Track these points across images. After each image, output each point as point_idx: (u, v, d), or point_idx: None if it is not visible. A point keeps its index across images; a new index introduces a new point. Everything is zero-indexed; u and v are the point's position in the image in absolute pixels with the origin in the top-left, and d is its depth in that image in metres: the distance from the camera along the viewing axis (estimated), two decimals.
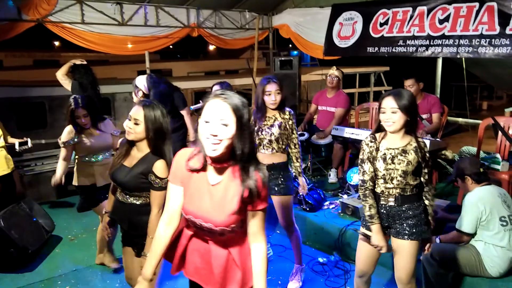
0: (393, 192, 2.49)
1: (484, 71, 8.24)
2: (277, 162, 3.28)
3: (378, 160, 2.50)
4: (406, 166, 2.43)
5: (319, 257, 3.90)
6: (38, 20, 5.18)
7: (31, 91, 6.22)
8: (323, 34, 6.45)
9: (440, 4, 5.09)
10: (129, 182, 2.41)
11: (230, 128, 1.60)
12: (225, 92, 1.65)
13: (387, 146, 2.49)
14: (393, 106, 2.42)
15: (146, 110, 2.36)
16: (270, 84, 3.21)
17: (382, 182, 2.50)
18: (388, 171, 2.46)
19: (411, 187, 2.47)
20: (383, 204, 2.54)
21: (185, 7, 6.47)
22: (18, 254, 3.83)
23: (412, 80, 4.73)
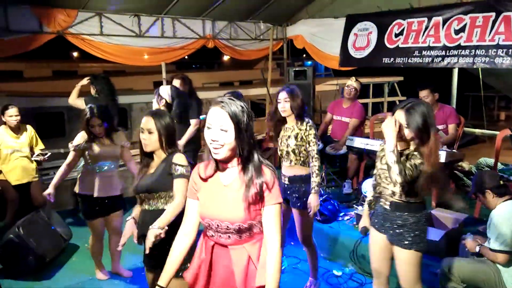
0: (386, 193, 2.64)
1: (500, 81, 8.12)
2: (298, 174, 3.26)
3: (378, 159, 2.75)
4: None
5: (334, 269, 3.88)
6: (59, 32, 5.30)
7: (50, 101, 6.36)
8: (338, 44, 6.47)
9: (455, 14, 5.06)
10: (154, 182, 2.50)
11: (229, 133, 1.73)
12: (224, 100, 1.76)
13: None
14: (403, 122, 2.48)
15: (156, 118, 2.48)
16: (280, 93, 3.25)
17: (380, 181, 2.71)
18: (383, 170, 2.64)
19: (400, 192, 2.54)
20: (382, 206, 2.70)
21: (201, 18, 6.56)
22: (36, 262, 3.90)
23: (427, 91, 4.69)
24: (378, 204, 2.74)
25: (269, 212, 1.81)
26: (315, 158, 3.22)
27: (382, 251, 2.75)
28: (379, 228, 2.72)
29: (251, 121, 1.78)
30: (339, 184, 5.50)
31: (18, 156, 4.54)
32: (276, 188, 1.82)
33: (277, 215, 1.82)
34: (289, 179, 3.28)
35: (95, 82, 4.83)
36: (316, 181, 3.22)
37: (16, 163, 4.53)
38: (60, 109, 6.19)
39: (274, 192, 1.81)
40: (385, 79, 11.06)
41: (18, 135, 4.54)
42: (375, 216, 2.78)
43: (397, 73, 10.93)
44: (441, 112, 4.79)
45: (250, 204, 1.78)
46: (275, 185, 1.81)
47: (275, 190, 1.82)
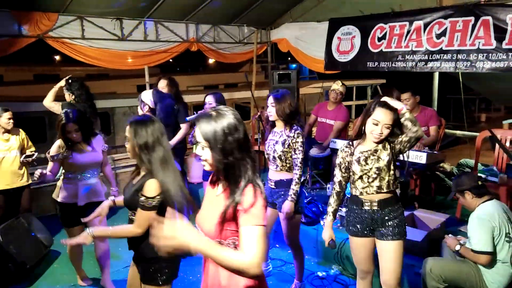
0: (370, 191, 2.65)
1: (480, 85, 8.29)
2: (284, 178, 3.26)
3: (352, 163, 2.70)
4: (377, 163, 2.62)
5: (318, 271, 3.89)
6: (39, 35, 5.23)
7: (31, 106, 6.26)
8: (321, 48, 6.52)
9: (436, 18, 5.15)
10: (128, 199, 2.41)
11: (206, 151, 1.69)
12: (200, 116, 1.70)
13: (360, 150, 2.69)
14: (387, 123, 2.53)
15: (133, 126, 2.33)
16: (269, 97, 3.28)
17: (360, 183, 2.68)
18: (364, 171, 2.65)
19: (387, 183, 2.63)
20: (367, 209, 2.69)
21: (184, 22, 6.54)
22: (17, 269, 3.82)
23: (408, 93, 4.77)
24: (357, 209, 2.72)
25: (242, 233, 1.61)
26: (298, 166, 3.18)
27: (369, 251, 2.79)
28: (364, 232, 2.73)
29: (233, 137, 1.65)
30: (323, 186, 5.53)
31: (8, 160, 4.40)
32: (256, 210, 1.63)
33: (254, 236, 1.59)
34: (275, 183, 3.28)
35: (71, 87, 4.63)
36: (295, 189, 3.18)
37: (5, 167, 4.40)
38: (41, 113, 6.09)
39: (251, 214, 1.62)
40: (368, 82, 11.19)
41: (7, 138, 4.42)
42: (355, 223, 2.75)
43: (379, 76, 11.07)
44: (422, 114, 4.87)
45: (221, 221, 1.67)
46: (254, 206, 1.62)
47: (255, 212, 1.62)
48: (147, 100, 3.98)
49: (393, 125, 2.55)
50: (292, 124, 3.24)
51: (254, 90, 7.40)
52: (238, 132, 1.67)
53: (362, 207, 2.70)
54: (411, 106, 4.85)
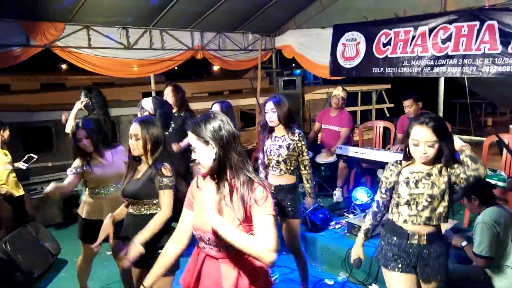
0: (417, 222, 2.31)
1: (486, 89, 8.26)
2: (284, 183, 3.27)
3: (400, 184, 2.36)
4: (431, 189, 2.27)
5: (326, 279, 3.86)
6: (46, 45, 5.28)
7: (37, 115, 6.29)
8: (326, 54, 6.53)
9: (440, 23, 5.14)
10: (138, 190, 2.57)
11: (199, 150, 1.81)
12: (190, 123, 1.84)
13: (411, 170, 2.35)
14: (429, 140, 2.22)
15: (142, 125, 2.58)
16: (267, 103, 3.28)
17: (406, 209, 2.33)
18: (412, 196, 2.31)
19: (439, 214, 2.30)
20: (414, 244, 2.34)
21: (189, 30, 6.58)
22: (24, 278, 3.83)
23: (410, 100, 4.78)
24: (400, 241, 2.37)
25: (260, 224, 1.73)
26: (308, 166, 3.31)
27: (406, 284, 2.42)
28: (407, 269, 2.38)
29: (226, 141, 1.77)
30: (329, 192, 5.51)
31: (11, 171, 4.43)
32: (268, 202, 1.75)
33: (268, 224, 1.72)
34: (276, 189, 3.28)
35: (90, 93, 4.61)
36: (310, 185, 3.35)
37: (11, 178, 4.42)
38: (47, 123, 6.12)
39: (264, 205, 1.74)
40: (373, 87, 11.14)
41: (6, 150, 4.45)
42: (396, 257, 2.39)
43: (384, 81, 11.03)
44: None
45: (235, 223, 1.76)
46: (266, 200, 1.75)
47: (267, 204, 1.75)
48: (147, 107, 4.05)
49: (439, 142, 2.22)
50: (292, 127, 3.25)
51: (259, 97, 7.41)
52: (222, 131, 1.77)
53: (408, 240, 2.34)
54: (414, 112, 4.85)
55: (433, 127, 2.20)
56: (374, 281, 3.71)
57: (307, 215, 4.36)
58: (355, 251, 2.61)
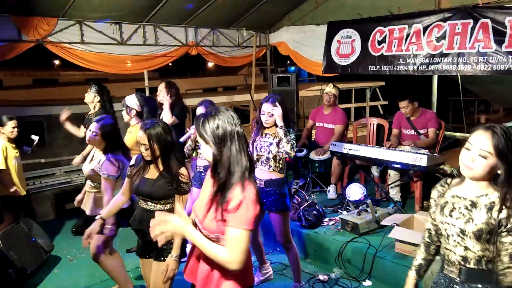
0: (453, 259, 1.87)
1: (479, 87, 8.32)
2: (274, 178, 3.30)
3: (438, 208, 1.94)
4: (465, 224, 1.81)
5: (319, 275, 3.87)
6: (38, 40, 5.23)
7: (29, 110, 6.25)
8: (321, 51, 6.52)
9: (435, 21, 5.15)
10: (157, 191, 2.63)
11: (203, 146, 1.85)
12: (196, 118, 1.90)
13: (454, 194, 1.90)
14: (484, 148, 1.74)
15: (149, 133, 2.57)
16: (265, 104, 3.28)
17: (443, 240, 1.93)
18: (443, 225, 1.90)
19: (479, 257, 1.80)
20: (446, 274, 1.94)
21: (183, 26, 6.55)
22: (17, 274, 3.80)
23: (406, 101, 4.83)
24: (440, 272, 1.98)
25: (226, 233, 1.74)
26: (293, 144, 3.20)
27: None
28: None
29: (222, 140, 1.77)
30: (323, 189, 5.53)
31: (20, 166, 4.39)
32: (240, 212, 1.71)
33: (234, 238, 1.71)
34: (265, 183, 3.30)
35: (102, 90, 4.63)
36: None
37: (20, 172, 4.40)
38: (39, 118, 6.08)
39: (235, 216, 1.71)
40: (367, 84, 11.20)
41: (14, 146, 4.40)
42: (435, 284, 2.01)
43: (378, 78, 11.08)
44: (422, 117, 4.91)
45: (218, 218, 1.77)
46: (239, 209, 1.71)
47: (239, 215, 1.71)
48: (133, 105, 3.96)
49: (497, 160, 1.72)
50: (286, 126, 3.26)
51: (253, 93, 7.41)
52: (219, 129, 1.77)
53: (443, 268, 1.96)
54: (410, 112, 4.89)
55: (497, 138, 1.73)
56: (367, 277, 3.73)
57: (300, 212, 4.37)
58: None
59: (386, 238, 3.78)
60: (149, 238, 2.54)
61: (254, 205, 1.74)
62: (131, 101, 3.98)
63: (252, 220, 1.74)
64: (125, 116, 4.02)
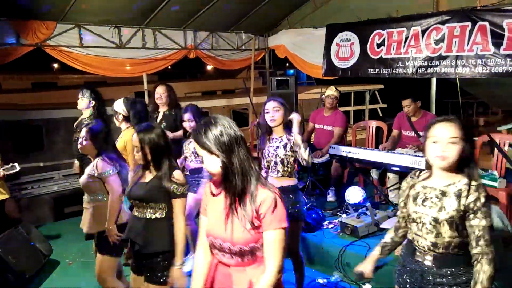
0: (423, 244, 1.99)
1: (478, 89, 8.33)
2: (286, 185, 3.17)
3: (409, 198, 2.06)
4: (438, 213, 1.92)
5: (319, 278, 3.87)
6: (37, 44, 5.22)
7: (28, 114, 6.24)
8: (319, 54, 6.53)
9: (433, 24, 5.16)
10: (146, 193, 2.56)
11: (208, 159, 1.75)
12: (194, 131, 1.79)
13: (425, 185, 2.03)
14: (453, 135, 1.88)
15: (141, 135, 2.54)
16: (268, 102, 3.21)
17: (414, 227, 2.04)
18: (417, 214, 2.00)
19: (447, 243, 1.92)
20: (419, 260, 2.03)
21: (182, 29, 6.55)
22: (15, 279, 3.79)
23: (409, 100, 4.84)
24: (409, 257, 2.09)
25: (266, 238, 1.74)
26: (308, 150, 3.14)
27: None
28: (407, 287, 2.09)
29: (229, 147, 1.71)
30: (323, 192, 5.52)
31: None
32: (277, 212, 1.72)
33: (276, 241, 1.72)
34: None
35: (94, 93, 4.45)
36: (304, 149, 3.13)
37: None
38: (38, 122, 6.07)
39: (273, 217, 1.71)
40: (366, 87, 11.21)
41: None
42: (403, 274, 2.11)
43: (377, 81, 11.09)
44: (423, 119, 4.93)
45: (248, 228, 1.74)
46: (275, 209, 1.72)
47: (276, 214, 1.72)
48: (120, 110, 4.00)
49: (464, 142, 1.88)
50: (290, 129, 3.22)
51: (252, 96, 7.41)
52: (224, 136, 1.71)
53: (414, 256, 2.06)
54: (412, 112, 4.90)
55: (459, 123, 1.91)
56: (367, 280, 3.72)
57: None
58: (364, 265, 2.25)
59: None
60: (136, 247, 2.54)
61: (281, 200, 1.75)
62: (118, 106, 3.99)
63: (285, 215, 1.74)
64: (115, 121, 4.05)
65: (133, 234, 2.59)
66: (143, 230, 2.56)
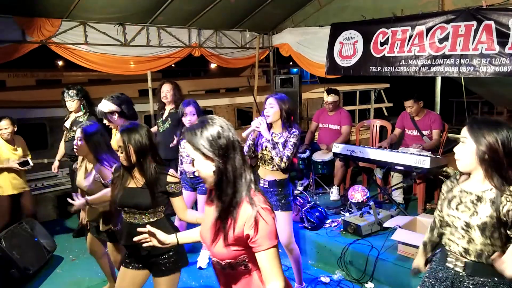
0: (455, 249, 1.94)
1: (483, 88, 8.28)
2: (278, 178, 3.28)
3: (445, 201, 2.02)
4: (470, 217, 1.86)
5: (321, 276, 3.86)
6: (42, 41, 5.25)
7: (32, 112, 6.26)
8: (323, 52, 6.52)
9: (438, 23, 5.14)
10: (145, 200, 2.45)
11: (198, 162, 1.63)
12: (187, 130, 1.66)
13: (462, 188, 1.96)
14: (462, 135, 1.89)
15: (124, 135, 2.42)
16: (267, 99, 3.27)
17: (448, 231, 1.99)
18: (450, 217, 1.96)
19: (480, 251, 1.86)
20: (450, 266, 1.98)
21: (187, 27, 6.56)
22: (20, 274, 3.81)
23: (411, 101, 4.85)
24: (440, 262, 2.05)
25: (259, 259, 1.60)
26: (285, 157, 3.14)
27: None
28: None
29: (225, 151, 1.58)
30: (326, 190, 5.52)
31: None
32: (262, 231, 1.56)
33: (270, 260, 1.60)
34: (269, 183, 3.28)
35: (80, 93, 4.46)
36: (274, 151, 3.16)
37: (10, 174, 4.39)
38: (41, 120, 6.09)
39: (259, 237, 1.57)
40: (372, 86, 11.15)
41: (15, 147, 4.42)
42: (431, 279, 2.07)
43: (383, 80, 11.03)
44: (427, 118, 4.93)
45: (227, 244, 1.62)
46: (258, 228, 1.56)
47: (261, 234, 1.56)
48: (111, 108, 3.74)
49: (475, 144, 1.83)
50: (290, 126, 3.24)
51: (256, 95, 7.40)
52: (221, 139, 1.60)
53: (445, 261, 2.01)
54: (415, 112, 4.90)
55: (470, 122, 1.87)
56: (370, 279, 3.72)
57: (303, 213, 4.37)
58: (417, 260, 2.26)
59: (389, 240, 3.77)
60: (144, 252, 2.42)
61: (269, 214, 1.59)
62: (105, 106, 3.75)
63: (275, 231, 1.59)
64: (110, 124, 3.83)
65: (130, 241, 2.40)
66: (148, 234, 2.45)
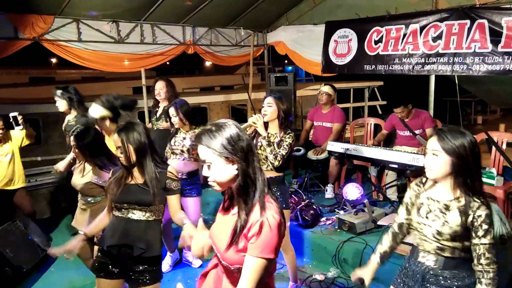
0: (429, 248, 2.00)
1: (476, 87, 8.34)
2: (273, 176, 3.26)
3: (414, 207, 2.07)
4: (441, 227, 1.93)
5: (316, 274, 3.87)
6: (35, 38, 5.20)
7: (25, 108, 6.22)
8: (318, 51, 6.53)
9: (432, 21, 5.16)
10: (147, 197, 2.42)
11: (213, 168, 1.54)
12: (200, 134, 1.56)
13: (429, 196, 2.03)
14: (434, 148, 1.93)
15: (122, 134, 2.39)
16: (266, 98, 3.28)
17: (418, 234, 2.06)
18: (420, 225, 2.02)
19: (454, 247, 1.94)
20: (420, 261, 2.05)
21: (181, 25, 6.53)
22: (13, 273, 3.79)
23: (400, 108, 4.89)
24: (411, 259, 2.12)
25: (245, 261, 1.52)
26: (279, 155, 3.14)
27: None
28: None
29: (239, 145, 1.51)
30: (321, 188, 5.53)
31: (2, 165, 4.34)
32: (261, 239, 1.49)
33: (253, 268, 1.50)
34: None
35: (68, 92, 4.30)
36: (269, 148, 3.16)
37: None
38: (35, 116, 6.06)
39: (256, 243, 1.49)
40: (366, 84, 11.20)
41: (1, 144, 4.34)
42: (402, 275, 2.16)
43: (377, 78, 11.08)
44: (417, 118, 4.95)
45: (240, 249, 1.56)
46: (260, 235, 1.49)
47: (260, 242, 1.49)
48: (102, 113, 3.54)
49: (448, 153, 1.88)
50: (286, 127, 3.25)
51: (251, 93, 7.40)
52: (242, 141, 1.54)
53: (417, 257, 2.07)
54: (405, 116, 4.92)
55: (439, 135, 1.92)
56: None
57: (298, 211, 4.37)
58: (362, 272, 2.26)
59: None
60: (137, 253, 2.36)
61: (277, 229, 1.49)
62: (97, 111, 3.55)
63: (274, 247, 1.49)
64: (103, 130, 3.64)
65: (131, 239, 2.41)
66: (145, 233, 2.43)
